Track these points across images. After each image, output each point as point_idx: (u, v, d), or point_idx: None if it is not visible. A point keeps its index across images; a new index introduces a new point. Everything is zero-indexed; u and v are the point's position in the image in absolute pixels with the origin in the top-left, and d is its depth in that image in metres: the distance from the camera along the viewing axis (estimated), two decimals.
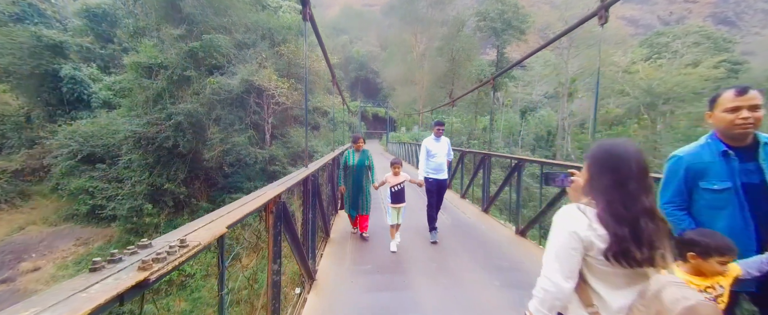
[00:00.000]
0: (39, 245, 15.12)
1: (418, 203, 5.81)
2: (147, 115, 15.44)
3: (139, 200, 15.06)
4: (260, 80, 15.42)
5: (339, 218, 5.35)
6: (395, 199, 4.08)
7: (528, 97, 34.17)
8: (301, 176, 2.65)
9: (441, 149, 4.49)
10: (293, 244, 2.03)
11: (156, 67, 15.83)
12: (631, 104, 16.87)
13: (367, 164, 4.48)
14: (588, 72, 20.94)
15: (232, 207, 1.41)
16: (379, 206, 5.67)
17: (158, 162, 15.54)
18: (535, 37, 41.87)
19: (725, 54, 18.55)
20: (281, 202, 1.80)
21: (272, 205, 1.73)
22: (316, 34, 4.25)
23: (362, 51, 42.27)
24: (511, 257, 3.76)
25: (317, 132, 21.26)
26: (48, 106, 19.83)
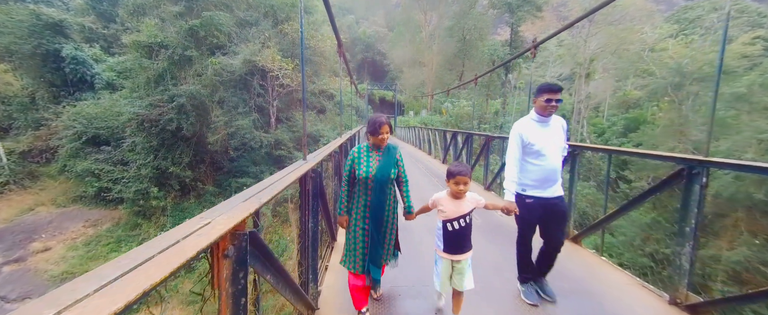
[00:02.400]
0: (48, 226, 15.08)
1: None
2: (149, 97, 14.85)
3: (145, 183, 14.76)
4: (263, 60, 14.59)
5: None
6: (454, 243, 2.05)
7: (541, 79, 32.62)
8: (294, 175, 1.99)
9: (552, 140, 2.34)
10: (277, 284, 1.40)
11: (156, 46, 15.06)
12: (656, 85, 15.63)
13: (395, 175, 2.27)
14: (609, 50, 19.50)
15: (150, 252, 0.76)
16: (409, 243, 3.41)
17: (162, 145, 15.10)
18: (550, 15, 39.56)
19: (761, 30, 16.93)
20: (244, 237, 1.05)
21: (225, 244, 0.98)
22: (327, 9, 3.50)
23: (369, 31, 40.54)
24: None
25: (323, 115, 20.52)
26: (52, 87, 19.35)
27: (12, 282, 13.00)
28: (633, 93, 25.37)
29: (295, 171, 2.10)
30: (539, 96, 2.31)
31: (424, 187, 5.69)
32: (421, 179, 6.55)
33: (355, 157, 2.23)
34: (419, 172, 7.19)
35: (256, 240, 1.18)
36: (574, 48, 24.67)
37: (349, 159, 2.26)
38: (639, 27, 18.98)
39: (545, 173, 2.31)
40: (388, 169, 2.21)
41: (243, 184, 15.36)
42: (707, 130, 13.35)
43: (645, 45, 18.24)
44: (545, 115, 2.32)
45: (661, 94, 15.41)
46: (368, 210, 2.19)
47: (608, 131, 24.31)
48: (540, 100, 2.31)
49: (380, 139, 2.20)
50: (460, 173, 1.97)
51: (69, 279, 5.65)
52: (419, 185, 5.93)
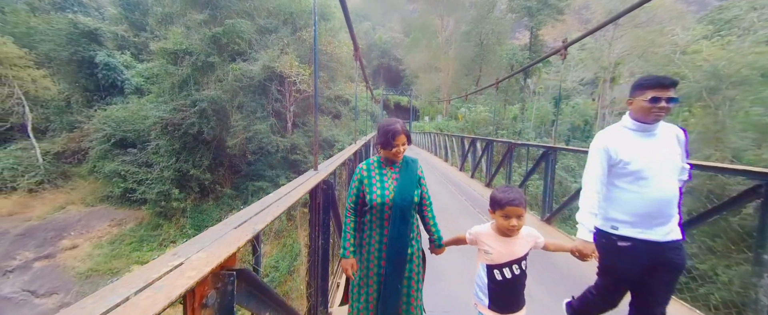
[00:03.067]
0: (77, 224, 15.73)
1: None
2: (173, 102, 15.34)
3: (167, 185, 15.18)
4: (281, 66, 14.79)
5: None
6: (503, 298, 1.54)
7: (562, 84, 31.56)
8: (303, 189, 1.82)
9: (659, 156, 1.64)
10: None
11: (181, 53, 15.58)
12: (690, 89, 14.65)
13: (418, 199, 1.77)
14: (636, 53, 18.58)
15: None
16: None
17: (184, 148, 15.52)
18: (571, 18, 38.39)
19: None
20: (230, 279, 0.84)
21: (204, 289, 0.78)
22: (344, 12, 3.41)
23: (385, 37, 40.70)
24: None
25: (338, 121, 20.58)
26: (85, 92, 20.39)
27: (42, 277, 13.59)
28: None
29: (305, 184, 1.94)
30: (639, 93, 1.60)
31: (444, 199, 5.44)
32: (438, 189, 6.29)
33: (363, 176, 1.67)
34: (436, 181, 6.93)
35: (247, 278, 0.99)
36: (598, 51, 23.72)
37: (355, 179, 1.69)
38: (669, 28, 17.98)
39: (650, 205, 1.58)
40: (410, 190, 1.64)
41: (259, 188, 15.53)
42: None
43: (676, 47, 17.23)
44: (649, 121, 1.59)
45: (694, 99, 14.45)
46: (385, 247, 1.63)
47: None
48: (640, 100, 1.59)
49: (395, 152, 1.66)
50: (511, 202, 1.38)
51: (94, 276, 5.71)
52: (438, 196, 5.69)
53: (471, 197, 5.60)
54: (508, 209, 1.41)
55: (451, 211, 4.72)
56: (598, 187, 1.68)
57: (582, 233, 1.66)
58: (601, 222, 1.70)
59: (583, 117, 24.77)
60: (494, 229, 1.53)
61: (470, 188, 6.21)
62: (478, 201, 5.35)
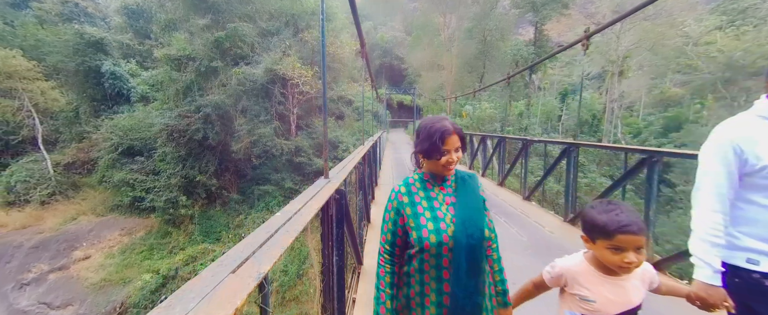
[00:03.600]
0: (88, 234, 15.77)
1: None
2: (178, 108, 15.30)
3: (175, 192, 15.13)
4: (284, 69, 14.63)
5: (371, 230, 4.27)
6: None
7: (566, 80, 31.01)
8: (317, 203, 1.58)
9: None
10: None
11: (185, 59, 15.54)
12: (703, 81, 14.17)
13: (487, 234, 1.16)
14: (645, 46, 18.04)
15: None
16: None
17: (190, 154, 15.46)
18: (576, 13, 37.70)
19: None
20: None
21: None
22: (352, 8, 3.20)
23: (387, 36, 40.44)
24: None
25: (342, 121, 20.37)
26: (93, 101, 20.51)
27: (56, 289, 13.62)
28: (672, 90, 23.44)
29: (317, 196, 1.70)
30: None
31: None
32: None
33: (402, 203, 1.14)
34: None
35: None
36: (605, 45, 23.16)
37: (390, 208, 1.18)
38: (681, 20, 17.40)
39: None
40: (477, 220, 1.12)
41: (265, 192, 15.40)
42: None
43: (688, 39, 16.68)
44: None
45: (709, 90, 13.93)
46: (446, 312, 1.07)
47: (645, 131, 22.51)
48: None
49: (446, 163, 1.12)
50: (627, 228, 0.93)
51: (107, 287, 5.54)
52: None
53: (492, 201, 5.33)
54: (621, 239, 0.93)
55: None
56: (722, 204, 1.17)
57: (703, 273, 1.14)
58: (729, 254, 1.18)
59: (591, 111, 24.22)
60: (594, 263, 1.06)
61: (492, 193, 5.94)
62: (490, 201, 5.05)
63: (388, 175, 7.25)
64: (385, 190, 5.71)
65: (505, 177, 5.84)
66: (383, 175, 7.33)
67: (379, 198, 5.09)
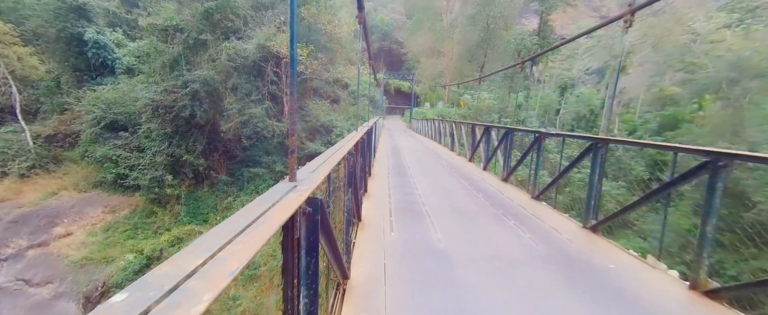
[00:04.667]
0: (70, 211, 15.04)
1: None
2: (164, 83, 14.30)
3: (160, 171, 14.39)
4: (277, 46, 13.66)
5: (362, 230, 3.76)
6: None
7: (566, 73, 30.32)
8: (269, 228, 0.97)
9: None
10: None
11: (172, 29, 14.40)
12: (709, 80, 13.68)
13: None
14: (650, 42, 17.39)
15: None
16: None
17: (177, 132, 14.61)
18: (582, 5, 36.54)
19: None
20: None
21: None
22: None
23: (387, 19, 38.84)
24: None
25: (337, 105, 19.54)
26: (75, 71, 19.23)
27: (36, 266, 13.02)
28: (670, 89, 22.98)
29: (269, 212, 1.08)
30: None
31: (459, 196, 4.61)
32: (450, 182, 5.46)
33: None
34: (447, 174, 6.04)
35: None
36: (609, 40, 22.41)
37: None
38: (690, 16, 16.68)
39: None
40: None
41: (255, 175, 14.76)
42: None
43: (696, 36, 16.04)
44: None
45: (713, 90, 13.45)
46: None
47: (640, 128, 22.22)
48: None
49: None
50: None
51: (88, 265, 4.81)
52: (451, 192, 4.89)
53: (487, 194, 4.80)
54: None
55: (469, 212, 3.94)
56: None
57: None
58: None
59: (588, 106, 23.76)
60: None
61: (485, 183, 5.42)
62: (495, 198, 4.56)
63: (383, 165, 6.70)
64: (380, 181, 5.18)
65: (510, 173, 5.33)
66: (378, 163, 6.78)
67: (373, 190, 4.57)
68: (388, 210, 3.80)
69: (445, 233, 3.23)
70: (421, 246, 2.95)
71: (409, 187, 4.87)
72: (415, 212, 3.77)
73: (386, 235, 3.14)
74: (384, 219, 3.53)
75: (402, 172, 6.08)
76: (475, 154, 7.07)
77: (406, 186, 4.96)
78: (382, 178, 5.59)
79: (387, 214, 3.69)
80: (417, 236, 3.15)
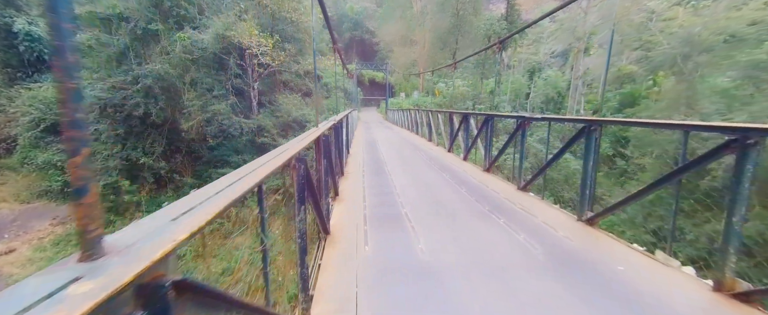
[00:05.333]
0: (12, 225, 13.21)
1: None
2: (111, 78, 12.64)
3: (114, 176, 12.88)
4: (239, 36, 12.41)
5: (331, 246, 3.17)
6: None
7: (533, 58, 30.84)
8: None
9: None
10: None
11: (115, 18, 12.65)
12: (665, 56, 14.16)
13: None
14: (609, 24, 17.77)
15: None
16: None
17: (131, 133, 13.11)
18: None
19: None
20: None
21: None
22: None
23: (357, 8, 37.34)
24: None
25: (309, 98, 18.51)
26: (6, 68, 16.69)
27: None
28: (627, 68, 23.98)
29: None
30: None
31: (442, 192, 4.18)
32: (431, 177, 4.99)
33: None
34: (427, 167, 5.62)
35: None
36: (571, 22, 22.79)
37: None
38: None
39: None
40: None
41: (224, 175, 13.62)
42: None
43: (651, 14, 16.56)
44: None
45: (668, 66, 13.96)
46: None
47: (603, 107, 23.12)
48: None
49: None
50: None
51: None
52: (434, 186, 4.43)
53: (471, 187, 4.39)
54: None
55: (454, 211, 3.49)
56: None
57: None
58: None
59: (556, 89, 24.32)
60: None
61: (467, 175, 5.07)
62: (479, 192, 4.17)
63: (358, 161, 6.09)
64: (354, 181, 4.59)
65: (492, 162, 4.96)
66: (352, 160, 6.17)
67: (346, 192, 3.99)
68: (362, 217, 3.29)
69: (429, 241, 2.76)
70: (401, 261, 2.45)
71: (386, 186, 4.38)
72: (394, 217, 3.26)
73: (360, 250, 2.60)
74: (358, 229, 2.99)
75: (379, 168, 5.58)
76: (454, 143, 6.67)
77: (383, 185, 4.47)
78: (357, 177, 5.04)
79: (361, 221, 3.17)
80: (397, 249, 2.64)
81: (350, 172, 5.18)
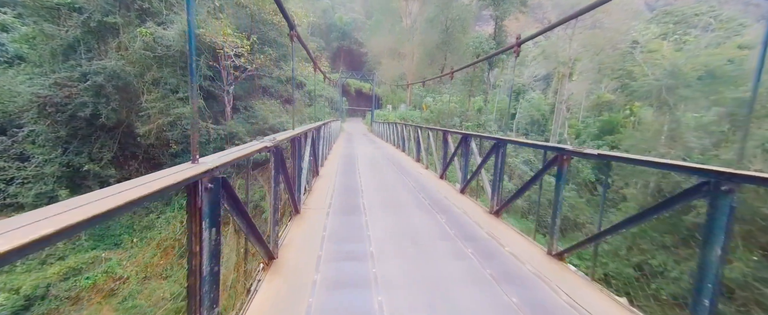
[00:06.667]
0: None
1: None
2: (55, 74, 10.78)
3: (50, 185, 10.86)
4: (210, 34, 10.99)
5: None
6: None
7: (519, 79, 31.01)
8: None
9: None
10: None
11: (65, 7, 10.92)
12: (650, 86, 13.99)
13: None
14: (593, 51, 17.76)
15: None
16: None
17: (75, 136, 11.18)
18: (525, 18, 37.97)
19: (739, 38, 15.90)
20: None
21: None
22: None
23: (345, 18, 36.63)
24: None
25: (289, 106, 17.12)
26: None
27: None
28: (606, 96, 24.29)
29: None
30: None
31: (437, 251, 2.77)
32: (422, 221, 3.52)
33: None
34: (414, 202, 4.23)
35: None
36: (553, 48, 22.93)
37: None
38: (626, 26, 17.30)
39: None
40: None
41: None
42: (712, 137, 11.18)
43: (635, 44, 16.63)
44: None
45: (655, 96, 13.74)
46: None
47: (583, 133, 23.11)
48: None
49: None
50: None
51: None
52: (424, 238, 3.02)
53: (478, 245, 2.99)
54: None
55: (461, 303, 2.03)
56: None
57: None
58: None
59: (539, 111, 24.21)
60: None
61: (470, 219, 3.58)
62: (493, 256, 2.74)
63: (328, 188, 4.63)
64: (312, 226, 3.12)
65: (504, 205, 3.64)
66: (320, 186, 4.76)
67: (293, 250, 2.58)
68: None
69: None
70: None
71: (358, 240, 2.91)
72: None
73: None
74: None
75: (352, 202, 4.09)
76: (446, 170, 5.46)
77: (353, 237, 2.97)
78: (319, 217, 3.44)
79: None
80: None
81: (313, 207, 3.80)
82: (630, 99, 19.42)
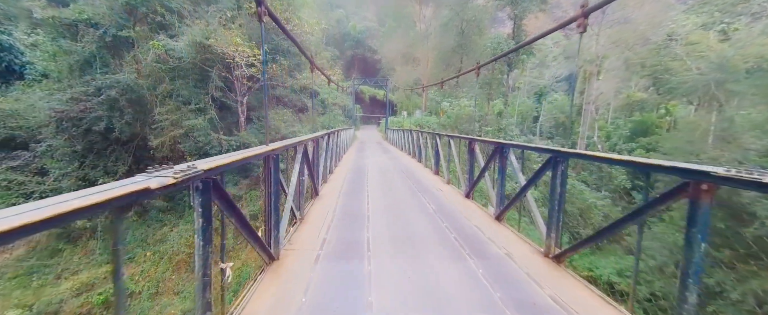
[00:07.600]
0: None
1: None
2: (71, 89, 10.77)
3: None
4: (220, 44, 10.66)
5: None
6: None
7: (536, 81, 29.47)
8: None
9: None
10: None
11: (82, 24, 10.96)
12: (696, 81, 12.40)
13: None
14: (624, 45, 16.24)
15: None
16: None
17: (91, 150, 11.08)
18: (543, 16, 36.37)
19: None
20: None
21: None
22: None
23: (359, 27, 36.49)
24: None
25: (303, 115, 16.69)
26: None
27: None
28: (637, 95, 22.39)
29: None
30: None
31: (468, 309, 1.93)
32: (446, 266, 2.59)
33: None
34: (434, 230, 3.34)
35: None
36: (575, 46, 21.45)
37: None
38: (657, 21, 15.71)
39: None
40: None
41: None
42: None
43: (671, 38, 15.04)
44: None
45: (701, 93, 12.13)
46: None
47: (614, 135, 21.31)
48: None
49: None
50: None
51: None
52: (451, 293, 2.10)
53: (533, 301, 2.04)
54: None
55: None
56: None
57: None
58: None
59: (564, 113, 22.63)
60: None
61: (519, 267, 2.54)
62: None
63: (326, 215, 3.85)
64: (303, 247, 2.35)
65: (565, 252, 2.72)
66: (317, 212, 3.89)
67: (285, 272, 1.87)
68: None
69: None
70: None
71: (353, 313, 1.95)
72: None
73: None
74: None
75: (353, 238, 3.14)
76: (473, 189, 4.49)
77: (346, 310, 1.97)
78: (303, 268, 2.47)
79: None
80: None
81: (296, 247, 2.86)
82: (666, 97, 17.62)
